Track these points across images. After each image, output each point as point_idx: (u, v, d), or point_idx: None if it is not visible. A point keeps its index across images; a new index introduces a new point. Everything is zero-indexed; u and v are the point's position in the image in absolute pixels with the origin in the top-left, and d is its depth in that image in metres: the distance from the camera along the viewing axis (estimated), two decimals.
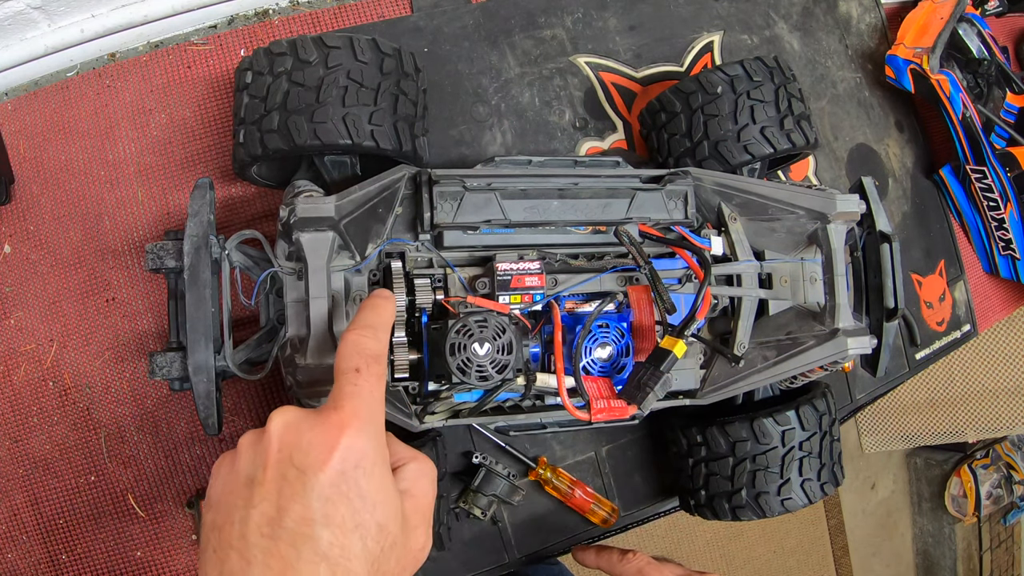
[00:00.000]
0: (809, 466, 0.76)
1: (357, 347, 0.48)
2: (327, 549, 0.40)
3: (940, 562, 2.67)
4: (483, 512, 0.81)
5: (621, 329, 0.67)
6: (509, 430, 0.81)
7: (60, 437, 0.78)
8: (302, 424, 0.44)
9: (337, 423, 0.43)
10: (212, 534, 0.43)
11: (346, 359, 0.47)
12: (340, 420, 0.44)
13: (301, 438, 0.43)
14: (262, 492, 0.42)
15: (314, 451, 0.42)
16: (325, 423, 0.43)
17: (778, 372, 0.70)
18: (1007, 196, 1.06)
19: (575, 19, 0.95)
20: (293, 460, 0.42)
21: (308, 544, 0.40)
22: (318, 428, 0.43)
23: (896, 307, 0.74)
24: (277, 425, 0.44)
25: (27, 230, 0.79)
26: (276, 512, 0.41)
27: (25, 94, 0.81)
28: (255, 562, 0.40)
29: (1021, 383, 1.94)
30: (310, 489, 0.41)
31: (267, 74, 0.67)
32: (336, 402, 0.45)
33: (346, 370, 0.47)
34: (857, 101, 1.09)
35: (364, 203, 0.63)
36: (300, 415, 0.45)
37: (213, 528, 0.43)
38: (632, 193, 0.68)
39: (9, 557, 0.77)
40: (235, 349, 0.66)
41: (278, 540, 0.40)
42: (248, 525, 0.41)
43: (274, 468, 0.42)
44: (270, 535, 0.40)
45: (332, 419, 0.44)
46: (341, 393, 0.45)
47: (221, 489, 0.45)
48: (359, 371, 0.47)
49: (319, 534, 0.40)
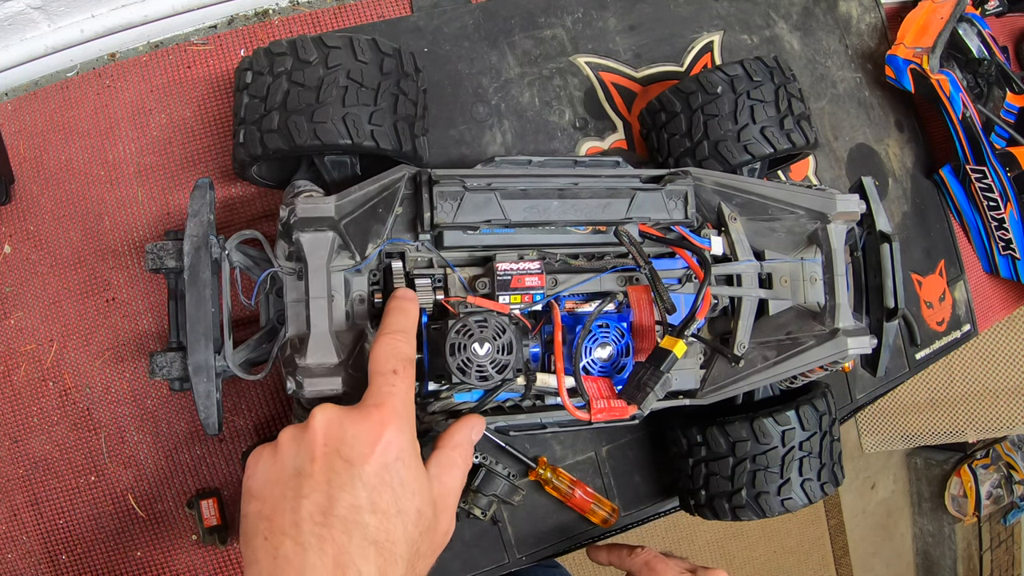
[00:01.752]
0: (809, 466, 0.76)
1: (394, 350, 0.53)
2: (375, 534, 0.44)
3: (940, 562, 2.67)
4: (483, 512, 0.81)
5: (621, 329, 0.67)
6: (509, 430, 0.81)
7: (60, 437, 0.78)
8: (345, 420, 0.48)
9: (379, 419, 0.48)
10: (261, 523, 0.45)
11: (384, 362, 0.52)
12: (382, 416, 0.48)
13: (346, 432, 0.47)
14: (312, 483, 0.45)
15: (359, 444, 0.46)
16: (368, 419, 0.47)
17: (778, 372, 0.70)
18: (1007, 196, 1.06)
19: (575, 19, 0.95)
20: (340, 453, 0.46)
21: (358, 530, 0.44)
22: (362, 424, 0.47)
23: (896, 307, 0.74)
24: (321, 421, 0.48)
25: (27, 230, 0.79)
26: (327, 501, 0.44)
27: (25, 94, 0.81)
28: (310, 548, 0.43)
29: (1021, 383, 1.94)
30: (357, 479, 0.45)
31: (267, 74, 0.67)
32: (376, 400, 0.49)
33: (385, 372, 0.51)
34: (857, 101, 1.09)
35: (364, 203, 0.63)
36: (342, 412, 0.48)
37: (261, 517, 0.46)
38: (632, 193, 0.68)
39: (9, 557, 0.77)
40: (235, 349, 0.66)
41: (331, 527, 0.43)
42: (300, 513, 0.44)
43: (322, 460, 0.46)
44: (322, 523, 0.43)
45: (374, 415, 0.48)
46: (380, 392, 0.50)
47: (265, 479, 0.48)
48: (396, 373, 0.51)
49: (367, 520, 0.44)
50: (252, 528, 0.46)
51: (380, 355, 0.52)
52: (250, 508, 0.47)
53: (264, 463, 0.49)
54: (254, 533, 0.46)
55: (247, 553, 0.46)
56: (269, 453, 0.49)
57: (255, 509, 0.47)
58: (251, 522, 0.46)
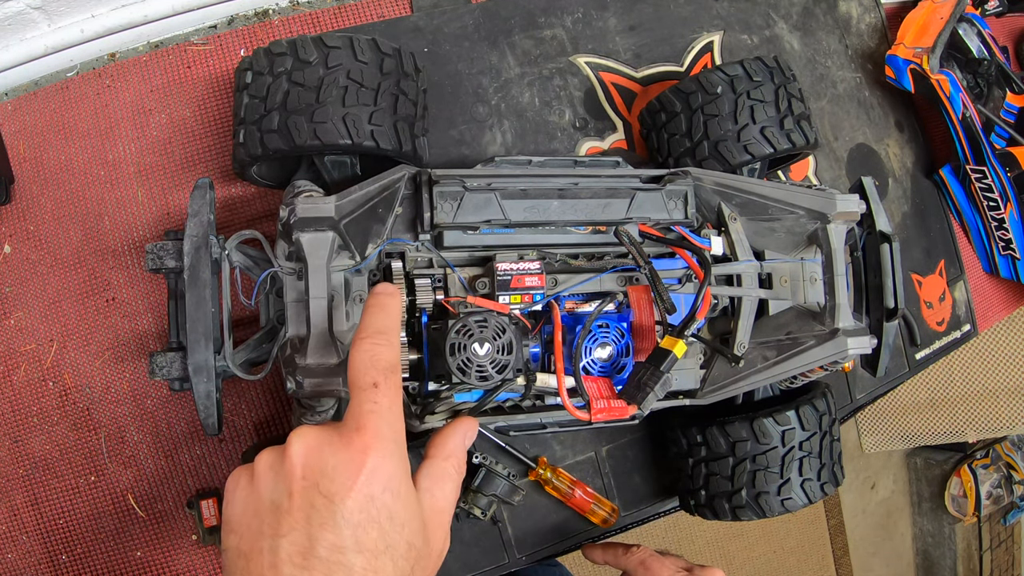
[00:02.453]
0: (809, 466, 0.76)
1: (373, 359, 0.45)
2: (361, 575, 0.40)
3: (940, 562, 2.67)
4: (483, 512, 0.81)
5: (621, 329, 0.67)
6: (509, 430, 0.81)
7: (60, 437, 0.78)
8: (324, 449, 0.42)
9: (360, 446, 0.42)
10: (239, 561, 0.42)
11: (362, 373, 0.45)
12: (363, 443, 0.42)
13: (325, 463, 0.42)
14: (290, 521, 0.41)
15: (340, 477, 0.41)
16: (349, 447, 0.42)
17: (778, 372, 0.70)
18: (1007, 196, 1.06)
19: (575, 19, 0.95)
20: (320, 487, 0.41)
21: (341, 571, 0.40)
22: (342, 453, 0.42)
23: (896, 307, 0.74)
24: (298, 449, 0.43)
25: (27, 230, 0.79)
26: (307, 541, 0.40)
27: (25, 94, 0.81)
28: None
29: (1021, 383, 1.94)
30: (339, 516, 0.40)
31: (267, 74, 0.67)
32: (357, 422, 0.43)
33: (364, 386, 0.45)
34: (857, 101, 1.09)
35: (364, 203, 0.63)
36: (321, 438, 0.43)
37: (239, 555, 0.42)
38: (632, 193, 0.68)
39: (9, 557, 0.77)
40: (235, 349, 0.66)
41: (312, 570, 0.40)
42: (279, 555, 0.40)
43: (300, 495, 0.41)
44: (303, 565, 0.40)
45: (355, 442, 0.42)
46: (361, 412, 0.44)
47: (242, 511, 0.44)
48: (377, 386, 0.45)
49: (352, 561, 0.40)
50: (231, 566, 0.43)
51: (358, 365, 0.45)
52: (229, 542, 0.44)
53: (242, 491, 0.45)
54: (232, 571, 0.42)
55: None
56: (246, 480, 0.45)
57: (234, 544, 0.43)
58: (230, 559, 0.43)
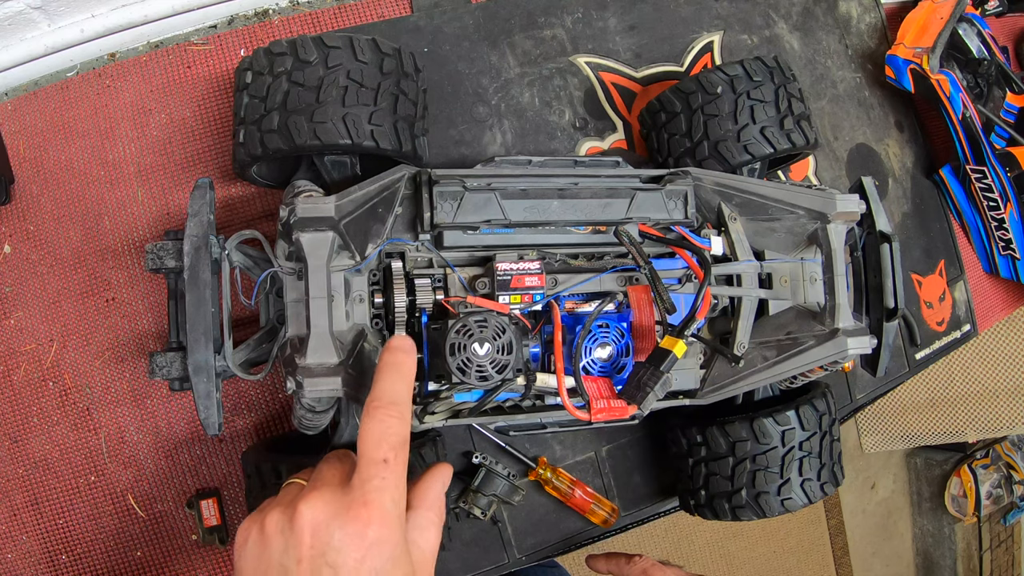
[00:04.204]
0: (809, 466, 0.76)
1: (385, 433, 0.48)
2: None
3: (940, 562, 2.67)
4: (483, 512, 0.81)
5: (621, 329, 0.67)
6: (509, 430, 0.81)
7: (60, 437, 0.78)
8: (333, 522, 0.46)
9: (366, 520, 0.45)
10: None
11: (373, 447, 0.48)
12: (369, 518, 0.45)
13: (332, 535, 0.45)
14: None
15: (345, 549, 0.45)
16: (355, 521, 0.45)
17: (778, 372, 0.70)
18: (1007, 196, 1.06)
19: (575, 19, 0.95)
20: (326, 558, 0.45)
21: None
22: (349, 527, 0.45)
23: (896, 307, 0.74)
24: (307, 520, 0.46)
25: (27, 230, 0.79)
26: None
27: (25, 94, 0.81)
28: None
29: (1021, 383, 1.94)
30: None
31: (267, 74, 0.67)
32: (364, 497, 0.46)
33: (375, 460, 0.47)
34: (857, 101, 1.09)
35: (364, 203, 0.63)
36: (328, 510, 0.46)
37: None
38: (632, 193, 0.68)
39: (9, 557, 0.77)
40: (235, 349, 0.66)
41: None
42: None
43: (308, 563, 0.45)
44: None
45: (362, 517, 0.45)
46: (370, 487, 0.47)
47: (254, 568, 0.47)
48: (387, 462, 0.47)
49: None
50: None
51: (370, 438, 0.48)
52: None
53: (252, 548, 0.48)
54: None
55: None
56: (256, 536, 0.48)
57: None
58: None
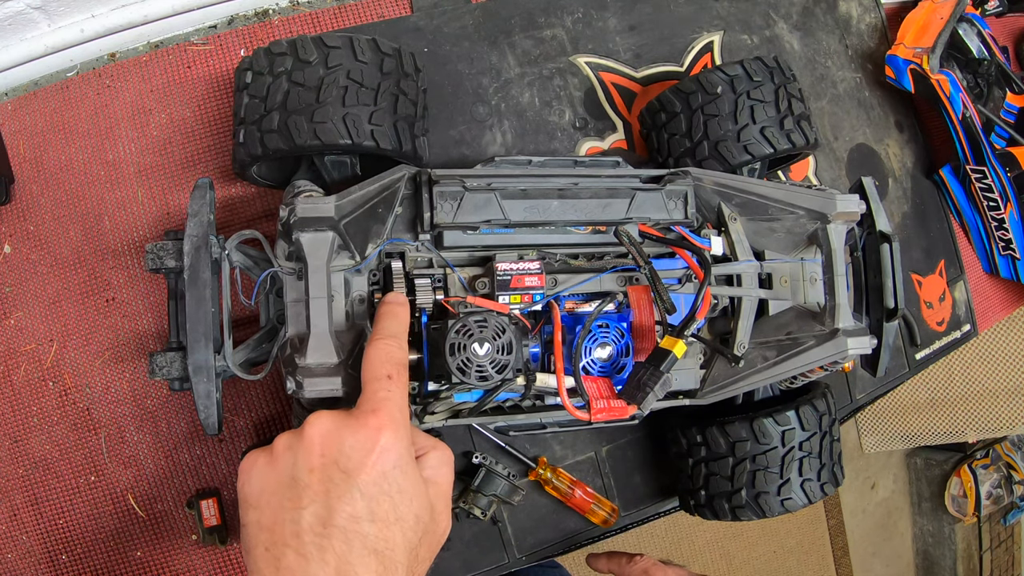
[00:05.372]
0: (809, 466, 0.76)
1: (387, 355, 0.52)
2: (375, 542, 0.45)
3: (940, 562, 2.67)
4: (483, 512, 0.81)
5: (621, 329, 0.67)
6: (509, 430, 0.81)
7: (60, 437, 0.78)
8: (343, 429, 0.47)
9: (376, 426, 0.48)
10: (261, 534, 0.46)
11: (378, 367, 0.51)
12: (378, 423, 0.48)
13: (343, 443, 0.47)
14: (311, 494, 0.46)
15: (356, 454, 0.46)
16: (365, 427, 0.47)
17: (778, 372, 0.70)
18: (1007, 196, 1.06)
19: (575, 19, 0.95)
20: (338, 463, 0.46)
21: (358, 539, 0.44)
22: (359, 433, 0.47)
23: (896, 307, 0.74)
24: (317, 430, 0.48)
25: (27, 230, 0.79)
26: (327, 512, 0.45)
27: (25, 94, 0.81)
28: (312, 558, 0.44)
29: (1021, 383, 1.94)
30: (356, 489, 0.46)
31: (267, 74, 0.67)
32: (372, 406, 0.49)
33: (379, 376, 0.51)
34: (857, 101, 1.09)
35: (364, 203, 0.63)
36: (338, 421, 0.48)
37: (261, 528, 0.46)
38: (632, 193, 0.68)
39: (9, 557, 0.77)
40: (235, 349, 0.66)
41: (331, 537, 0.44)
42: (301, 524, 0.45)
43: (320, 471, 0.46)
44: (323, 533, 0.44)
45: (371, 422, 0.48)
46: (376, 398, 0.49)
47: (261, 488, 0.48)
48: (391, 378, 0.51)
49: (367, 530, 0.45)
50: (253, 538, 0.47)
51: (374, 360, 0.52)
52: (249, 518, 0.48)
53: (260, 470, 0.49)
54: (255, 543, 0.46)
55: (250, 563, 0.47)
56: (265, 460, 0.49)
57: (254, 519, 0.47)
58: (251, 532, 0.47)
